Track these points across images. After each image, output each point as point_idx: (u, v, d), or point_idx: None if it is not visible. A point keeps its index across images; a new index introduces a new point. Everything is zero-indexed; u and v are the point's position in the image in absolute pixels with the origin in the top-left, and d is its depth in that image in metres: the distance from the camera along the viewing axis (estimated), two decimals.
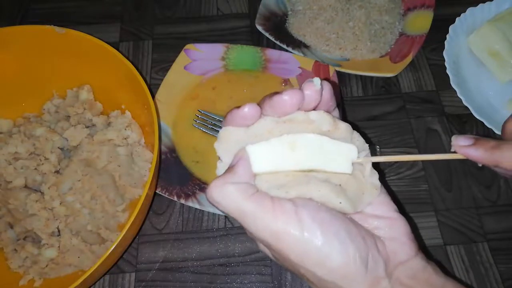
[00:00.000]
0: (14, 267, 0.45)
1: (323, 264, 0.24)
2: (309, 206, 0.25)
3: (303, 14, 0.63)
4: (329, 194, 0.26)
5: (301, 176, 0.26)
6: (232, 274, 0.47)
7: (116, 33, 0.65)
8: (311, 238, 0.24)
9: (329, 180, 0.27)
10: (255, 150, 0.26)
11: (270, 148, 0.26)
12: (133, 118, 0.51)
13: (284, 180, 0.26)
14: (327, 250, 0.24)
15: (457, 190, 0.52)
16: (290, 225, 0.24)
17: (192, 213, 0.51)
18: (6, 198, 0.46)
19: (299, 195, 0.26)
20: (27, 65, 0.50)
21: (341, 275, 0.25)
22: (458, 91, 0.54)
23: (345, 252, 0.24)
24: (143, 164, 0.50)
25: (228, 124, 0.27)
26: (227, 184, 0.25)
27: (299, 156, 0.26)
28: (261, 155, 0.26)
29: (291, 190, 0.26)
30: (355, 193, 0.27)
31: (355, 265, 0.24)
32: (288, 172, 0.26)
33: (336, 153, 0.27)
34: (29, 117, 0.53)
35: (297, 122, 0.27)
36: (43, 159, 0.48)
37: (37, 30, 0.48)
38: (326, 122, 0.27)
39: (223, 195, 0.25)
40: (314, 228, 0.24)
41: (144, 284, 0.47)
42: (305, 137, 0.26)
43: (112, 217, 0.47)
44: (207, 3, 0.67)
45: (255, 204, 0.24)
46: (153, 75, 0.61)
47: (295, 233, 0.24)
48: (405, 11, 0.64)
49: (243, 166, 0.25)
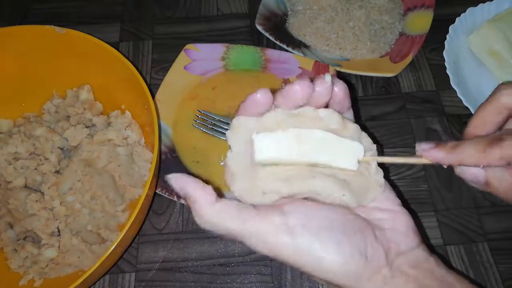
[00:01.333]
0: (14, 267, 0.45)
1: (321, 268, 0.25)
2: (299, 211, 0.25)
3: (303, 14, 0.63)
4: (333, 186, 0.26)
5: (306, 170, 0.27)
6: (232, 274, 0.47)
7: (116, 33, 0.65)
8: (303, 245, 0.25)
9: (334, 175, 0.27)
10: (262, 139, 0.26)
11: (277, 139, 0.26)
12: (133, 118, 0.51)
13: (289, 173, 0.26)
14: (322, 254, 0.25)
15: (457, 190, 0.52)
16: (280, 236, 0.25)
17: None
18: (6, 198, 0.46)
19: (302, 189, 0.26)
20: (27, 65, 0.50)
21: (341, 274, 0.25)
22: (458, 91, 0.54)
23: (341, 253, 0.25)
24: (143, 164, 0.50)
25: (241, 112, 0.27)
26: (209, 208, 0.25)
27: (305, 149, 0.26)
28: (266, 144, 0.26)
29: (295, 183, 0.26)
30: (360, 189, 0.28)
31: (353, 261, 0.25)
32: (292, 165, 0.27)
33: (342, 150, 0.27)
34: (29, 117, 0.53)
35: (307, 117, 0.27)
36: (43, 159, 0.48)
37: (37, 30, 0.48)
38: (334, 120, 0.27)
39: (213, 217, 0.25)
40: (306, 234, 0.25)
41: (144, 284, 0.47)
42: (313, 132, 0.27)
43: (112, 217, 0.47)
44: (207, 3, 0.67)
45: (241, 223, 0.25)
46: (153, 75, 0.61)
47: (287, 241, 0.25)
48: (405, 11, 0.64)
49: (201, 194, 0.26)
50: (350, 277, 0.25)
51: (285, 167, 0.27)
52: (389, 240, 0.27)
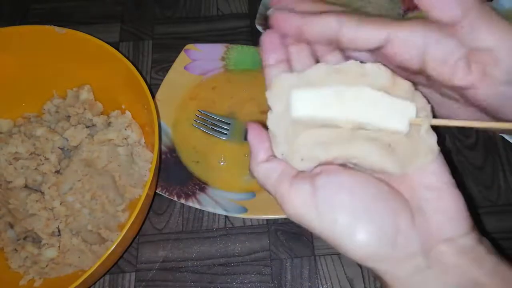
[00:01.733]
0: (14, 267, 0.45)
1: (344, 246, 0.24)
2: (331, 184, 0.24)
3: None
4: (375, 151, 0.24)
5: (348, 132, 0.25)
6: (232, 274, 0.47)
7: (116, 33, 0.65)
8: (328, 221, 0.24)
9: (378, 138, 0.24)
10: (300, 94, 0.24)
11: (317, 95, 0.24)
12: (133, 118, 0.51)
13: (329, 135, 0.25)
14: (346, 233, 0.24)
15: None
16: (307, 210, 0.24)
17: (192, 213, 0.51)
18: (6, 198, 0.46)
19: (341, 154, 0.24)
20: (27, 65, 0.50)
21: (365, 256, 0.24)
22: None
23: (367, 234, 0.23)
24: (143, 164, 0.50)
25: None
26: (258, 165, 0.27)
27: (349, 108, 0.24)
28: (305, 101, 0.24)
29: (332, 148, 0.24)
30: (406, 155, 0.24)
31: (381, 245, 0.23)
32: (333, 126, 0.25)
33: (391, 109, 0.24)
34: (29, 117, 0.53)
35: (351, 73, 0.25)
36: (43, 159, 0.48)
37: (37, 30, 0.48)
38: (383, 76, 0.24)
39: (259, 175, 0.27)
40: (331, 211, 0.24)
41: (144, 284, 0.47)
42: (358, 89, 0.24)
43: (112, 217, 0.47)
44: (207, 3, 0.67)
45: (275, 189, 0.26)
46: (153, 75, 0.61)
47: (314, 217, 0.24)
48: (405, 11, 0.64)
49: (263, 148, 0.27)
50: (375, 260, 0.24)
51: (326, 128, 0.25)
52: (430, 226, 0.24)
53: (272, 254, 0.48)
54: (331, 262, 0.48)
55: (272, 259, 0.48)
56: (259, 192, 0.49)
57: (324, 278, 0.47)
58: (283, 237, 0.49)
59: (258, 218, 0.49)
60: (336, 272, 0.47)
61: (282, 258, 0.48)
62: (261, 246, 0.49)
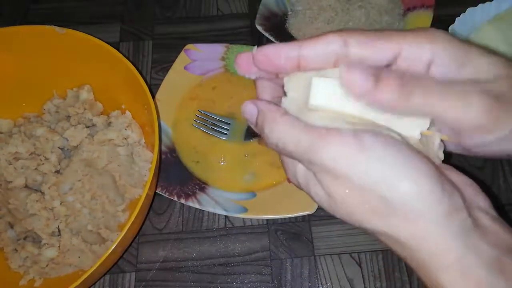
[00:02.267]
0: (14, 267, 0.45)
1: (386, 190, 0.21)
2: (378, 142, 0.22)
3: (303, 14, 0.63)
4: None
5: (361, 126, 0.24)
6: (232, 274, 0.47)
7: (116, 33, 0.65)
8: (372, 159, 0.21)
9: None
10: (321, 83, 0.23)
11: (338, 88, 0.23)
12: (133, 118, 0.51)
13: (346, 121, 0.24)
14: (392, 173, 0.21)
15: None
16: (352, 151, 0.21)
17: (192, 213, 0.51)
18: (6, 198, 0.46)
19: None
20: (27, 65, 0.50)
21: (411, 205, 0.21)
22: None
23: (415, 179, 0.21)
24: (143, 164, 0.50)
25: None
26: (276, 120, 0.24)
27: (366, 107, 0.23)
28: (325, 90, 0.23)
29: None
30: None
31: (428, 195, 0.21)
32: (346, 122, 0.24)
33: (406, 116, 0.24)
34: (29, 117, 0.53)
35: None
36: (43, 159, 0.48)
37: (37, 30, 0.48)
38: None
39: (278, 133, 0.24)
40: (377, 149, 0.21)
41: (144, 284, 0.47)
42: None
43: (112, 217, 0.47)
44: (207, 3, 0.67)
45: (309, 134, 0.23)
46: (153, 75, 0.61)
47: (361, 159, 0.21)
48: (405, 11, 0.64)
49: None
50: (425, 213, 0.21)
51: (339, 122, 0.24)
52: (463, 192, 0.23)
53: (272, 254, 0.48)
54: (331, 262, 0.48)
55: (272, 259, 0.48)
56: (259, 192, 0.49)
57: (324, 278, 0.47)
58: (283, 237, 0.49)
59: (258, 218, 0.49)
60: (336, 272, 0.47)
61: (282, 258, 0.48)
62: (261, 246, 0.49)
